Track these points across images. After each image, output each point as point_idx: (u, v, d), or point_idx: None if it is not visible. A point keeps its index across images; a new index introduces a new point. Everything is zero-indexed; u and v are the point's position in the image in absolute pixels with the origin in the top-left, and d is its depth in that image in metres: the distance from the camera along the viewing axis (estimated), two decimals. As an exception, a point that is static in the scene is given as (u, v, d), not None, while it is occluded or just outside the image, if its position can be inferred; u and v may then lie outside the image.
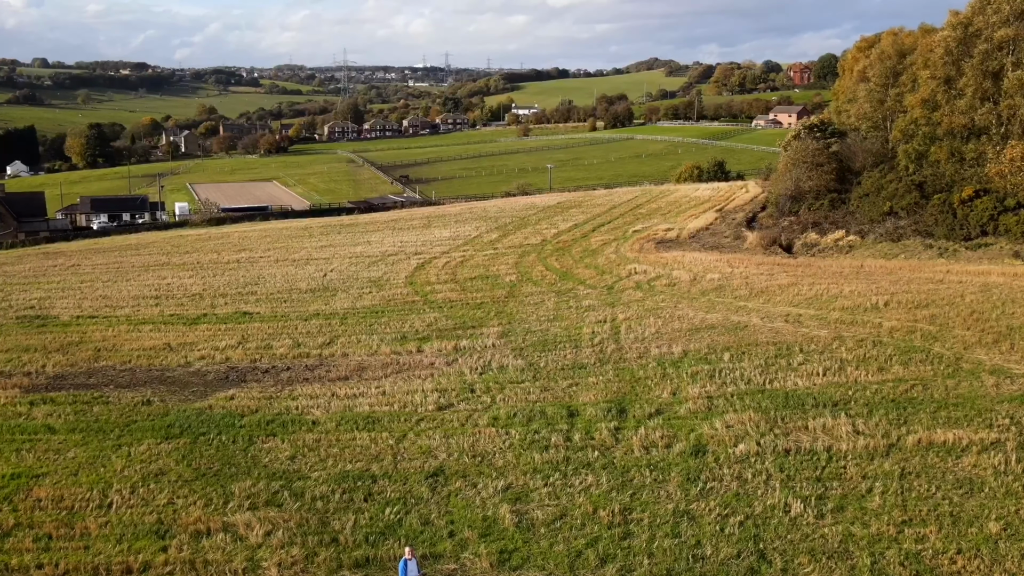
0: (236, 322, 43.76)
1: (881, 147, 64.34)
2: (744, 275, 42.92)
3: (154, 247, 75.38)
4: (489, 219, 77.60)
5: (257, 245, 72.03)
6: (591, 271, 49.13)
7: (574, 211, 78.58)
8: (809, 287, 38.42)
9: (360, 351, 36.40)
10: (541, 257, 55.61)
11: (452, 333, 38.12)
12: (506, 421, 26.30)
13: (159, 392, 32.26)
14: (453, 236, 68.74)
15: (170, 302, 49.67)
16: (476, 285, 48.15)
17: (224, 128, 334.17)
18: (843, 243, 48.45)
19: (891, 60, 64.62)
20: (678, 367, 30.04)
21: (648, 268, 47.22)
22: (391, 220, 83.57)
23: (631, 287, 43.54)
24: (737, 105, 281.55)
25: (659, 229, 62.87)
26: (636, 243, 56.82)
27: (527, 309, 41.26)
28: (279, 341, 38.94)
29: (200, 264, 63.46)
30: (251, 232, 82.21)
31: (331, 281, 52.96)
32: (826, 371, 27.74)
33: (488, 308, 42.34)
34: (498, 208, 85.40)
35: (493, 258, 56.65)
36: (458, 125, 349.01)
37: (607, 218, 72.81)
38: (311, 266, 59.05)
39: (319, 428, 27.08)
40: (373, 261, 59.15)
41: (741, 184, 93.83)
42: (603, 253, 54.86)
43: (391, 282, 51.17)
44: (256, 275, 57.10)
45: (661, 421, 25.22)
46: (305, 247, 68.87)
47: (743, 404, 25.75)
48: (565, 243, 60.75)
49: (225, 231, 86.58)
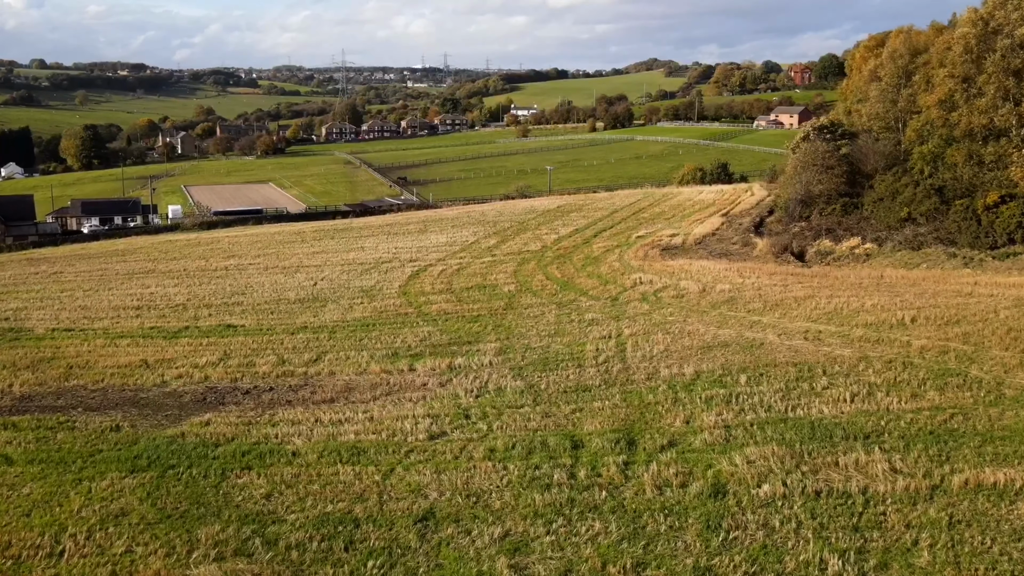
0: (219, 336, 41.42)
1: (894, 149, 62.03)
2: (756, 286, 40.57)
3: (141, 253, 73.00)
4: (487, 223, 75.27)
5: (247, 251, 69.66)
6: (594, 281, 46.78)
7: (575, 215, 76.26)
8: (827, 300, 36.05)
9: (348, 369, 34.07)
10: (541, 265, 53.26)
11: (447, 349, 35.79)
12: (504, 453, 23.95)
13: (130, 416, 29.91)
14: (450, 242, 66.39)
15: (152, 313, 47.30)
16: (473, 296, 45.80)
17: (221, 129, 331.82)
18: (859, 251, 46.11)
19: (903, 59, 62.33)
20: (690, 390, 27.69)
21: (654, 278, 44.86)
22: (386, 224, 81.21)
23: (637, 299, 41.18)
24: (738, 105, 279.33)
25: (663, 235, 60.53)
26: (640, 250, 54.47)
27: (527, 323, 38.91)
28: (263, 358, 36.60)
29: (187, 271, 61.07)
30: (242, 237, 79.86)
31: (321, 291, 50.60)
32: (854, 397, 25.38)
33: (485, 321, 40.00)
34: (496, 212, 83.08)
35: (491, 266, 54.30)
36: (457, 126, 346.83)
37: (609, 223, 70.48)
38: (301, 274, 56.68)
39: (299, 460, 24.72)
40: (366, 269, 56.80)
41: (746, 187, 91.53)
42: (606, 261, 52.50)
43: (384, 292, 48.82)
44: (244, 284, 54.74)
45: (675, 455, 22.87)
46: (296, 253, 66.51)
47: (764, 435, 23.40)
48: (566, 249, 58.41)
49: (216, 236, 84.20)
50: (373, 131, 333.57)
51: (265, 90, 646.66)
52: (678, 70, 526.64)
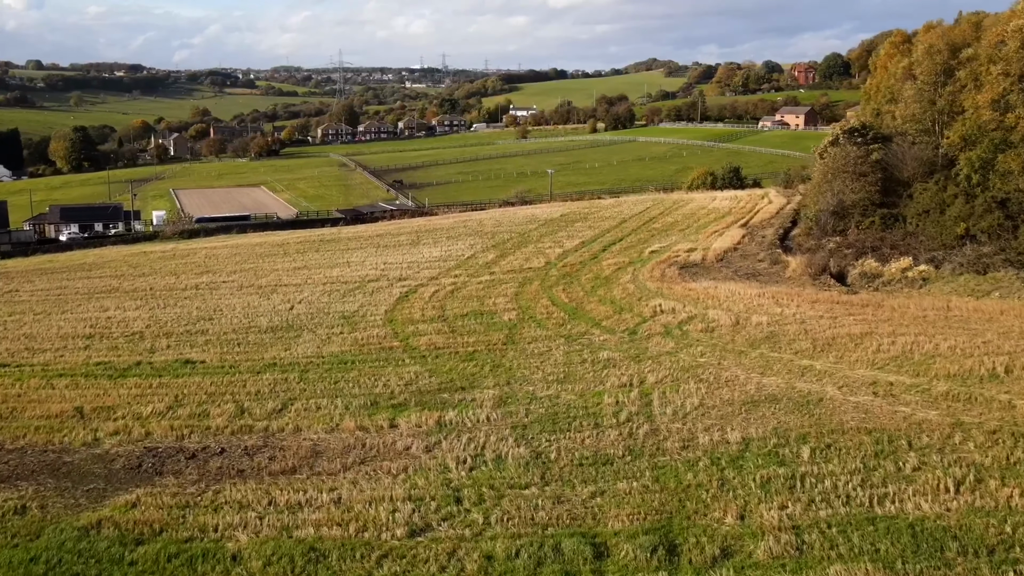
0: (174, 375, 35.68)
1: (932, 154, 56.32)
2: (799, 318, 34.81)
3: (109, 267, 67.18)
4: (485, 235, 69.49)
5: (223, 266, 63.85)
6: (606, 307, 40.96)
7: (580, 225, 70.47)
8: (891, 340, 30.27)
9: (317, 424, 28.31)
10: (545, 286, 47.48)
11: (436, 398, 30.05)
12: (505, 565, 18.23)
13: (44, 491, 24.20)
14: (444, 256, 60.61)
15: (103, 344, 41.56)
16: (468, 325, 40.01)
17: (215, 130, 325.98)
18: (913, 275, 40.32)
19: (942, 55, 56.62)
20: (739, 467, 21.94)
21: (676, 305, 39.06)
22: (377, 235, 75.41)
23: (658, 332, 35.39)
24: (742, 106, 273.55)
25: (680, 250, 54.78)
26: (656, 268, 48.70)
27: (530, 362, 33.13)
28: (219, 406, 30.85)
29: (153, 291, 55.27)
30: (221, 249, 74.06)
31: (297, 316, 44.83)
32: (958, 485, 19.63)
33: (482, 359, 34.22)
34: (495, 221, 77.29)
35: (489, 287, 48.52)
36: (455, 127, 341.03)
37: (618, 234, 64.70)
38: (278, 295, 50.88)
39: (240, 569, 19.00)
40: (350, 289, 51.01)
41: (761, 193, 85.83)
42: (618, 282, 46.71)
43: (367, 319, 43.03)
44: (213, 307, 48.97)
45: (731, 573, 17.14)
46: (276, 269, 60.70)
47: (849, 545, 17.65)
48: (572, 267, 52.62)
49: (193, 247, 78.40)
50: (370, 132, 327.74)
51: (263, 91, 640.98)
52: (678, 70, 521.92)
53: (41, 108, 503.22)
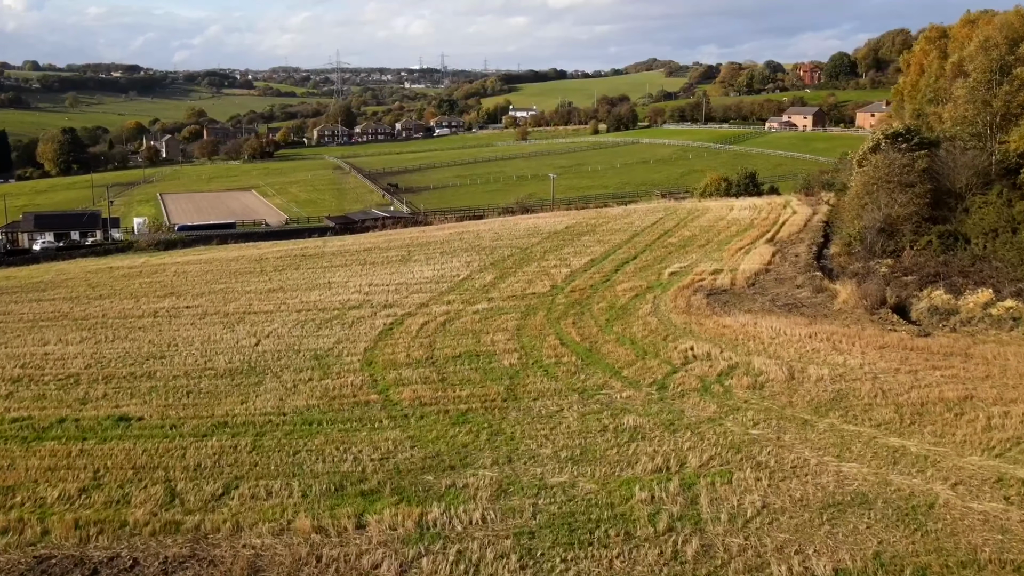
0: (101, 437, 29.17)
1: (987, 161, 49.86)
2: (869, 371, 28.27)
3: (66, 287, 60.62)
4: (483, 250, 62.92)
5: (191, 286, 57.27)
6: (626, 349, 34.38)
7: (587, 239, 63.87)
8: (1002, 409, 23.73)
9: (264, 522, 21.80)
10: (552, 318, 40.89)
11: (417, 480, 23.55)
12: None
13: None
14: (437, 276, 54.05)
15: (29, 391, 35.07)
16: (461, 371, 33.44)
17: (210, 132, 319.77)
18: (998, 312, 33.57)
19: (999, 50, 50.16)
20: (840, 625, 15.40)
21: (711, 348, 32.50)
22: (364, 249, 68.80)
23: (694, 387, 28.83)
24: (747, 106, 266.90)
25: (703, 271, 48.25)
26: (680, 296, 42.14)
27: (537, 429, 26.58)
28: (146, 488, 24.39)
29: (105, 318, 48.72)
30: (194, 264, 67.50)
31: (262, 355, 38.28)
32: None
33: (477, 422, 27.69)
34: (494, 234, 70.72)
35: (487, 318, 41.94)
36: (453, 128, 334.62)
37: (630, 251, 58.12)
38: (245, 326, 44.32)
39: None
40: (327, 319, 44.43)
41: (781, 201, 79.31)
42: (636, 313, 40.12)
43: (343, 360, 36.47)
44: (169, 340, 42.43)
45: None
46: (249, 291, 54.14)
47: None
48: (582, 292, 46.05)
49: (165, 261, 71.83)
50: (367, 134, 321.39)
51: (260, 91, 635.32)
52: (679, 70, 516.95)
53: (35, 109, 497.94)
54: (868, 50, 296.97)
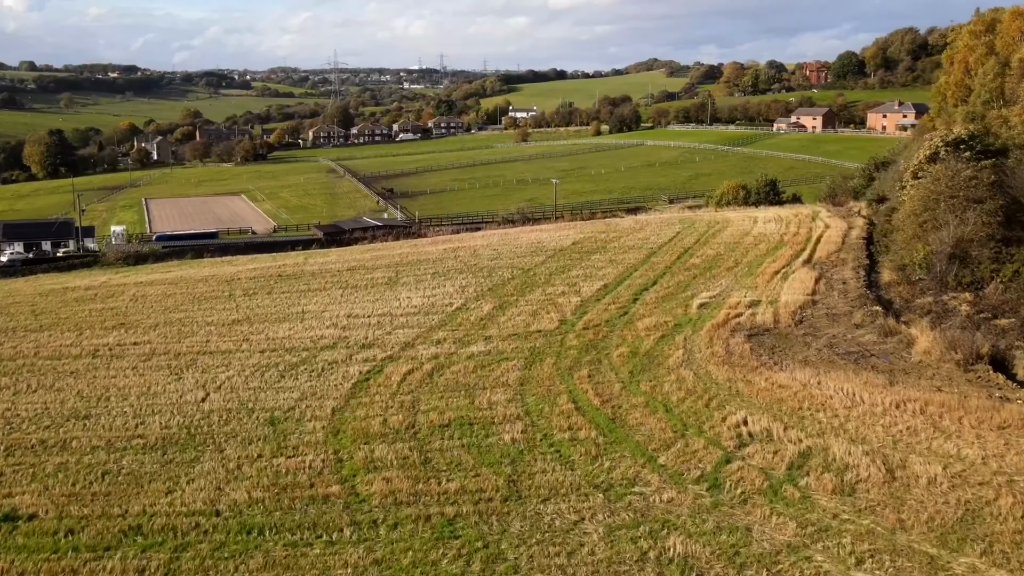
0: (-30, 552, 21.95)
1: (1066, 174, 42.69)
2: (999, 470, 21.08)
3: (7, 314, 53.27)
4: (480, 271, 55.70)
5: (146, 315, 50.07)
6: (659, 419, 27.17)
7: (598, 259, 56.66)
8: None
9: None
10: (563, 367, 33.69)
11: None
12: None
13: None
14: (426, 305, 46.85)
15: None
16: (450, 450, 26.21)
17: (203, 133, 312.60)
18: None
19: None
20: None
21: (771, 423, 25.28)
22: (348, 268, 61.54)
23: (758, 487, 21.65)
24: (753, 107, 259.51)
25: (738, 302, 41.08)
26: (716, 338, 34.96)
27: (548, 556, 19.35)
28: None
29: (36, 358, 41.52)
30: (157, 285, 60.28)
31: (207, 416, 31.10)
32: None
33: (468, 538, 20.50)
34: (492, 251, 63.46)
35: (484, 365, 34.74)
36: (452, 129, 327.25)
37: (648, 273, 50.91)
38: (193, 372, 37.10)
39: None
40: (293, 364, 37.21)
41: (808, 212, 72.14)
42: (666, 362, 32.93)
43: (303, 427, 29.28)
44: (101, 391, 35.26)
45: None
46: (210, 322, 46.92)
47: None
48: (597, 330, 38.83)
49: (127, 281, 64.56)
50: (363, 135, 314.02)
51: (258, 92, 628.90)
52: (680, 70, 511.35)
53: (30, 110, 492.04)
54: (876, 49, 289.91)
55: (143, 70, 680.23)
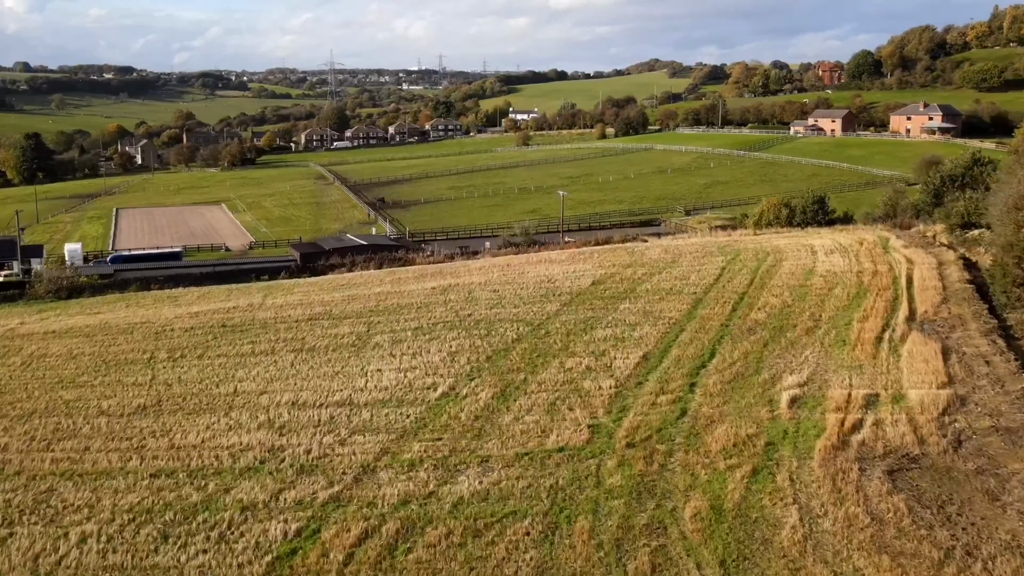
0: None
1: None
2: None
3: None
4: (476, 325, 42.92)
5: (25, 395, 37.37)
6: None
7: (628, 309, 43.83)
8: None
9: None
10: (605, 544, 20.76)
11: None
12: None
13: None
14: (401, 387, 34.13)
15: None
16: None
17: (191, 136, 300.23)
18: None
19: None
20: None
21: None
22: (309, 318, 48.70)
23: None
24: (767, 109, 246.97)
25: (847, 399, 28.36)
26: (842, 479, 22.32)
27: None
28: None
29: None
30: (65, 339, 47.56)
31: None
32: None
33: None
34: (492, 291, 50.68)
35: (478, 532, 21.97)
36: (450, 132, 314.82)
37: (702, 337, 37.95)
38: (25, 530, 24.38)
39: None
40: (188, 511, 24.43)
41: (872, 238, 59.53)
42: (777, 542, 20.26)
43: None
44: None
45: None
46: (105, 411, 34.18)
47: None
48: (648, 452, 26.08)
49: (33, 330, 51.76)
50: (358, 138, 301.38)
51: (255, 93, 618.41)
52: (682, 71, 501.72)
53: (21, 111, 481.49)
54: (893, 48, 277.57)
55: (139, 71, 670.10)
